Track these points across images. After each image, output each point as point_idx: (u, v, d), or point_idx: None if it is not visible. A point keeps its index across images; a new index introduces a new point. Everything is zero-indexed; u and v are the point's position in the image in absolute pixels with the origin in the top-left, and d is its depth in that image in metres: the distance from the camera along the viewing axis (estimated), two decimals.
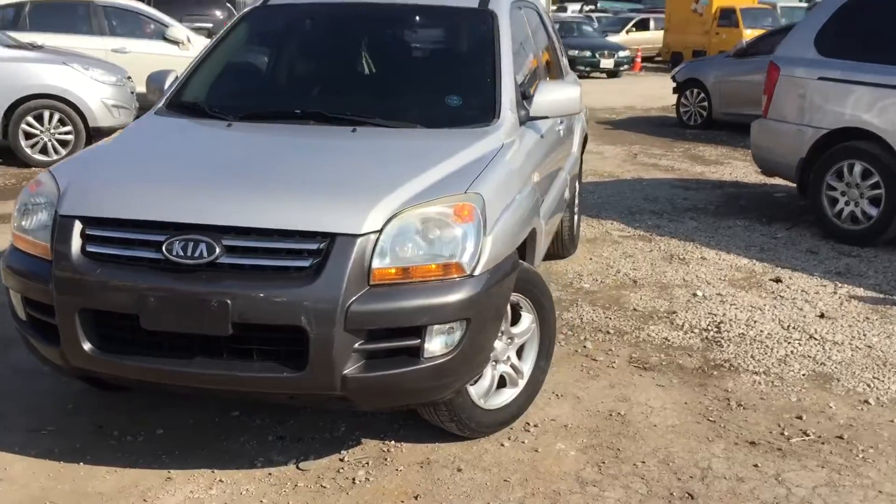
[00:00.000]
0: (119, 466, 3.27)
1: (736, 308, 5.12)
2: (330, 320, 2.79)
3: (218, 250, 2.86)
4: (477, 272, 3.00)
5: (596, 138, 11.32)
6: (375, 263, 2.85)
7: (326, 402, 3.11)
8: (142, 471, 3.25)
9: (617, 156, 10.61)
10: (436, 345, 2.95)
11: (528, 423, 3.67)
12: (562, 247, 5.93)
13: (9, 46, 8.78)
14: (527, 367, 3.66)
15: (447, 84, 4.08)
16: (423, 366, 2.94)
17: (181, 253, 2.87)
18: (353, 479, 3.23)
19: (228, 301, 2.81)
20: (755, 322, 4.90)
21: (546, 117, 3.99)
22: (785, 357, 4.43)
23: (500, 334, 3.44)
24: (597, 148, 10.81)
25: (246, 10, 4.44)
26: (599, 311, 5.06)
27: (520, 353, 3.66)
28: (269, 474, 3.25)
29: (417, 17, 4.46)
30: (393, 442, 3.49)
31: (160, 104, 4.03)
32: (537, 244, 3.90)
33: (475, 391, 3.40)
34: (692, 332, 4.74)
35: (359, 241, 2.84)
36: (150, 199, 3.03)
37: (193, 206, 2.97)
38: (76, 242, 3.00)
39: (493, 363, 3.48)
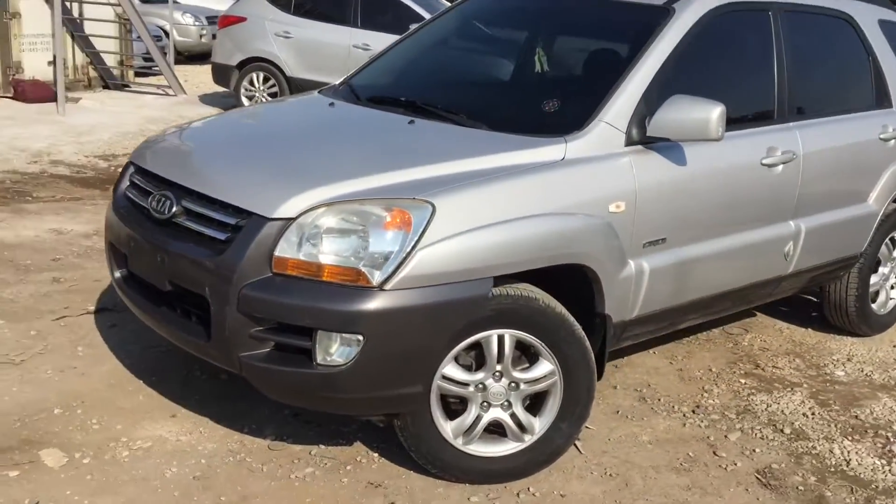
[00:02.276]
0: (153, 391, 3.62)
1: None
2: (224, 297, 2.76)
3: (176, 209, 3.00)
4: (388, 287, 2.67)
5: None
6: (278, 251, 2.72)
7: None
8: (164, 400, 3.56)
9: None
10: (330, 353, 2.71)
11: (526, 491, 3.13)
12: (845, 319, 4.72)
13: None
14: (540, 424, 3.14)
15: (560, 87, 3.63)
16: (311, 371, 2.74)
17: (155, 206, 3.08)
18: (301, 474, 3.14)
19: (165, 258, 2.95)
20: None
21: (667, 139, 3.26)
22: None
23: (497, 374, 3.01)
24: None
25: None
26: (815, 406, 3.98)
27: (536, 406, 3.14)
28: (241, 442, 3.31)
29: (587, 14, 3.95)
30: (376, 455, 3.30)
31: (336, 84, 4.24)
32: (621, 289, 3.27)
33: (451, 427, 3.03)
34: None
35: (268, 224, 2.74)
36: (167, 157, 3.28)
37: (178, 166, 3.15)
38: (124, 184, 3.41)
39: (484, 404, 3.05)
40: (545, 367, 3.08)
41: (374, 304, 2.66)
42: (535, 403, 3.17)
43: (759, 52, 3.95)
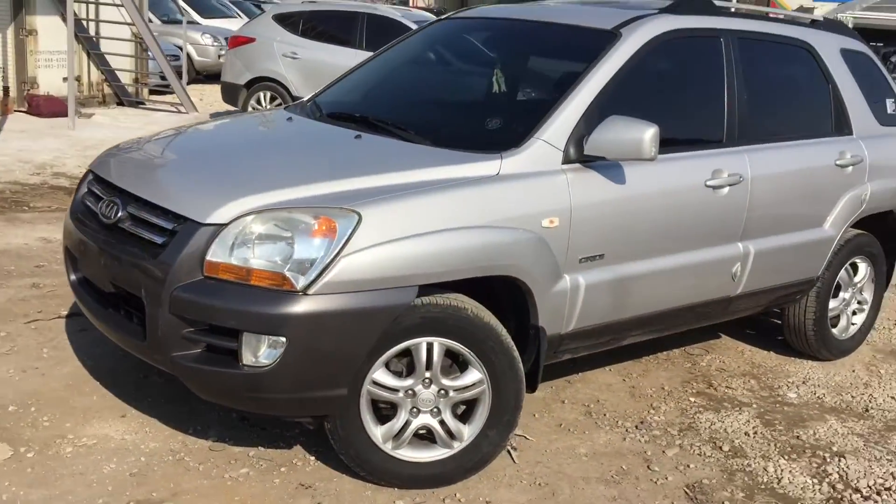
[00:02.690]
0: (108, 392, 3.75)
1: None
2: (157, 299, 2.89)
3: (121, 214, 3.15)
4: (311, 291, 2.78)
5: None
6: (210, 255, 2.85)
7: None
8: (117, 401, 3.68)
9: None
10: (256, 354, 2.83)
11: (453, 497, 3.22)
12: (804, 343, 4.77)
13: None
14: (469, 431, 3.23)
15: (506, 106, 3.74)
16: (238, 372, 2.85)
17: (103, 211, 3.22)
18: (235, 474, 3.25)
19: (108, 261, 3.09)
20: None
21: (603, 158, 3.36)
22: None
23: (426, 381, 3.12)
24: None
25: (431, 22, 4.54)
26: (759, 426, 4.03)
27: (468, 414, 3.24)
28: (184, 442, 3.43)
29: (540, 37, 4.08)
30: (313, 458, 3.40)
31: (305, 99, 4.39)
32: (555, 302, 3.36)
33: (380, 431, 3.13)
34: None
35: (201, 229, 2.87)
36: (120, 165, 3.43)
37: (128, 174, 3.30)
38: (81, 191, 3.56)
39: (414, 410, 3.15)
40: (474, 375, 3.17)
41: (297, 307, 2.77)
42: (467, 411, 3.26)
43: (709, 76, 4.05)
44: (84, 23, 12.32)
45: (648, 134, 3.29)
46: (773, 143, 4.22)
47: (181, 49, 16.86)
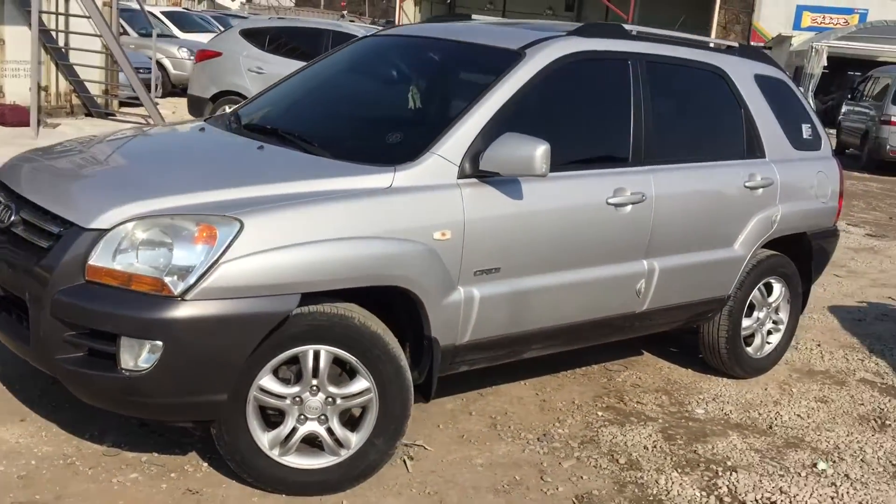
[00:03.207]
0: (12, 397, 3.81)
1: None
2: (40, 302, 2.95)
3: (14, 218, 3.21)
4: (189, 297, 2.85)
5: None
6: (92, 260, 2.91)
7: None
8: (19, 405, 3.73)
9: None
10: (135, 359, 2.89)
11: None
12: (718, 360, 4.87)
13: None
14: (356, 439, 3.29)
15: (409, 121, 3.83)
16: (115, 375, 2.91)
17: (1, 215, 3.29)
18: (124, 478, 3.30)
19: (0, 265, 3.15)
20: None
21: (497, 174, 3.45)
22: None
23: (314, 389, 3.19)
24: None
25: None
26: (660, 440, 4.11)
27: (356, 422, 3.31)
28: (78, 447, 3.48)
29: (451, 55, 4.19)
30: (205, 465, 3.46)
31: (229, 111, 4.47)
32: (447, 313, 3.44)
33: (267, 437, 3.20)
34: None
35: (84, 234, 2.94)
36: (21, 171, 3.50)
37: (26, 179, 3.37)
38: None
39: (301, 417, 3.21)
40: (361, 383, 3.24)
41: (173, 312, 2.84)
42: (356, 419, 3.32)
43: (616, 98, 4.15)
44: (53, 34, 12.40)
45: (539, 151, 3.39)
46: (681, 164, 4.33)
47: (158, 63, 16.99)
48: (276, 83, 4.58)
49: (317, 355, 3.17)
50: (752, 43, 37.13)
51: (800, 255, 5.09)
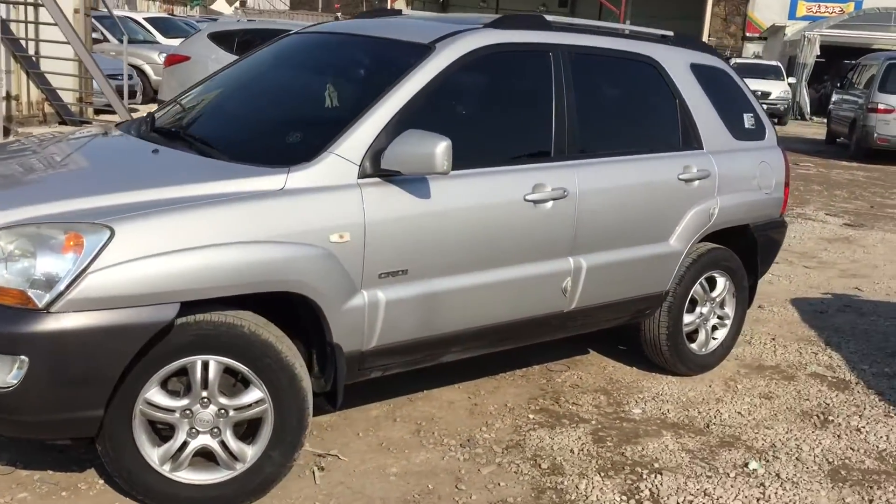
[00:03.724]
0: None
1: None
2: None
3: None
4: (54, 309, 2.74)
5: None
6: None
7: None
8: None
9: None
10: (3, 375, 2.77)
11: None
12: (660, 357, 4.74)
13: None
14: (252, 452, 3.18)
15: (313, 120, 3.74)
16: None
17: None
18: (12, 497, 3.20)
19: None
20: None
21: (398, 173, 3.33)
22: None
23: (204, 401, 3.07)
24: None
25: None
26: (589, 443, 3.99)
27: (251, 434, 3.19)
28: None
29: (361, 51, 4.08)
30: (101, 483, 3.35)
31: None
32: (350, 318, 3.32)
33: (157, 453, 3.08)
34: None
35: None
36: None
37: None
38: None
39: (192, 430, 3.10)
40: (254, 394, 3.13)
41: (37, 326, 2.73)
42: (253, 431, 3.21)
43: (535, 91, 4.03)
44: (23, 42, 12.31)
45: (440, 147, 3.27)
46: (609, 158, 4.20)
47: (140, 69, 16.91)
48: (197, 83, 4.46)
49: (206, 366, 3.06)
50: (747, 33, 37.09)
51: (745, 248, 4.96)
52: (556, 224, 3.94)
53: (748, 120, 4.98)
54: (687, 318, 4.76)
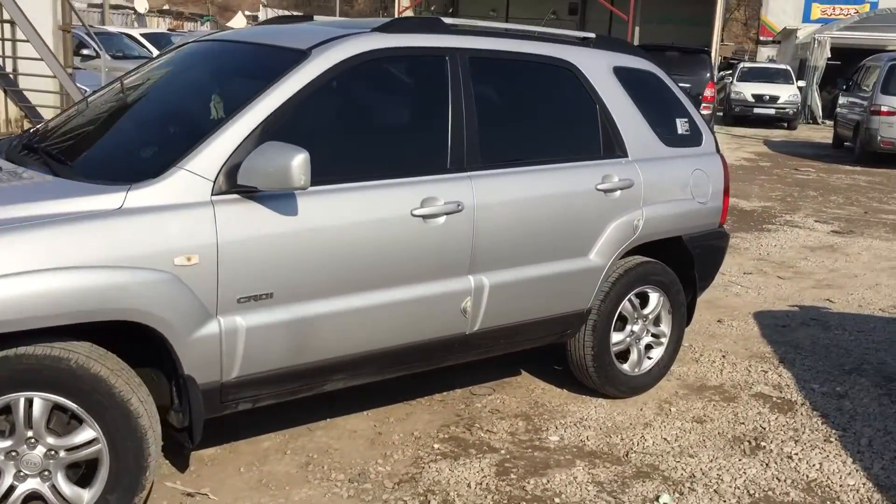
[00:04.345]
0: None
1: None
2: None
3: None
4: None
5: None
6: None
7: None
8: None
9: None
10: None
11: None
12: (587, 379, 4.45)
13: None
14: (88, 496, 2.94)
15: (173, 133, 3.48)
16: None
17: None
18: None
19: None
20: None
21: (255, 189, 3.08)
22: None
23: (31, 441, 2.84)
24: None
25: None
26: (491, 475, 3.71)
27: (88, 478, 2.94)
28: None
29: (239, 59, 3.84)
30: None
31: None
32: (203, 348, 3.08)
33: None
34: None
35: None
36: None
37: None
38: None
39: (20, 474, 2.86)
40: (87, 433, 2.88)
41: None
42: (91, 473, 2.96)
43: (428, 99, 3.78)
44: (0, 61, 12.22)
45: (296, 161, 3.01)
46: (514, 169, 3.92)
47: None
48: (87, 95, 4.23)
49: (30, 403, 2.80)
50: (760, 37, 36.58)
51: (680, 261, 4.65)
52: (451, 240, 3.66)
53: (682, 125, 4.68)
54: (616, 337, 4.46)
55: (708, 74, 16.36)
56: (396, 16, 29.45)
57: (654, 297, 4.57)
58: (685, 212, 4.57)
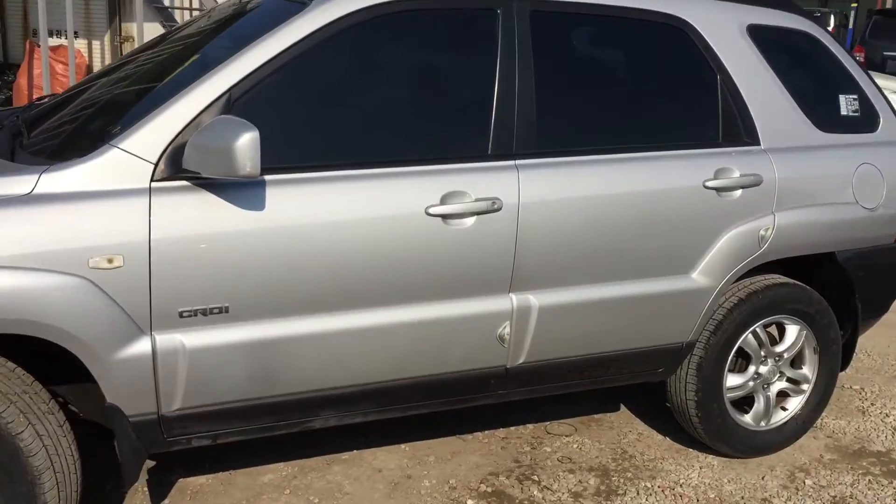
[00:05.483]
0: None
1: None
2: None
3: None
4: None
5: None
6: None
7: None
8: None
9: None
10: None
11: None
12: (690, 428, 3.48)
13: None
14: None
15: (134, 103, 2.86)
16: None
17: None
18: None
19: None
20: None
21: (198, 175, 2.42)
22: None
23: None
24: None
25: None
26: None
27: None
28: None
29: (249, 17, 3.16)
30: None
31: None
32: (129, 372, 2.48)
33: None
34: None
35: None
36: None
37: None
38: None
39: None
40: None
41: None
42: None
43: (464, 65, 2.94)
44: None
45: (241, 141, 2.33)
46: (579, 158, 3.00)
47: None
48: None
49: None
50: None
51: (836, 284, 3.52)
52: (482, 248, 2.83)
53: (847, 104, 3.51)
54: (733, 380, 3.42)
55: None
56: None
57: (793, 331, 3.47)
58: (842, 220, 3.42)
